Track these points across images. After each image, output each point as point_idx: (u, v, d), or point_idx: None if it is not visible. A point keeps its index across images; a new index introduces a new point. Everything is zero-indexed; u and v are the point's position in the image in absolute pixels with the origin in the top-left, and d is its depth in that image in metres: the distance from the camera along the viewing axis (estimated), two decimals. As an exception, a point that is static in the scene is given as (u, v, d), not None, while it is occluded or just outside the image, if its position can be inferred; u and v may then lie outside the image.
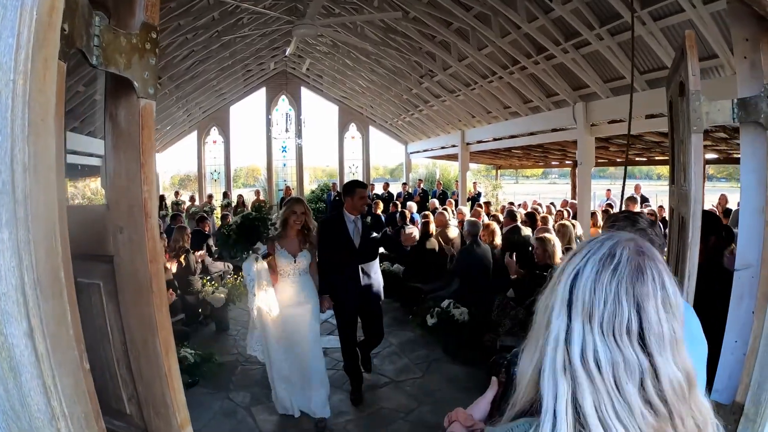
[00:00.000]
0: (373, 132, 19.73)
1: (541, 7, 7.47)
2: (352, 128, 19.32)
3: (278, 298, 4.39)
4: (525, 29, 8.05)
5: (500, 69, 9.95)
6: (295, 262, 4.49)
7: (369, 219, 4.71)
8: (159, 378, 1.50)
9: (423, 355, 5.97)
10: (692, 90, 2.10)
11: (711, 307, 2.23)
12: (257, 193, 17.00)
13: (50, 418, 0.98)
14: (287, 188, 16.67)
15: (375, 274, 4.91)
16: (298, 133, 17.46)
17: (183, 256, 6.89)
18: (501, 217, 9.04)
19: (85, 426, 1.08)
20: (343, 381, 5.14)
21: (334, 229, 4.71)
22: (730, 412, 2.13)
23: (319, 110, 20.57)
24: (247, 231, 6.41)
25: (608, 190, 15.86)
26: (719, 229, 3.29)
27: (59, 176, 1.06)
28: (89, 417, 1.10)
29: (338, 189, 17.68)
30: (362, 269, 4.75)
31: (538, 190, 35.28)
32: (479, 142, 14.39)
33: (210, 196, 16.70)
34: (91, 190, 13.85)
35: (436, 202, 13.50)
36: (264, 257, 4.39)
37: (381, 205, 13.77)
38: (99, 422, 1.16)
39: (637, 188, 13.53)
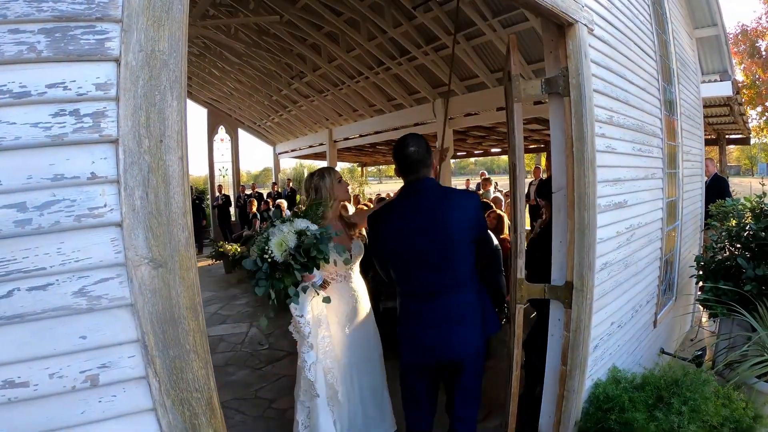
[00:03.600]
0: (242, 134, 19.51)
1: (405, 15, 8.15)
2: (221, 131, 18.84)
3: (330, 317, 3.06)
4: (390, 34, 8.64)
5: (367, 70, 10.47)
6: (351, 257, 3.02)
7: None
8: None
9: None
10: (513, 74, 3.05)
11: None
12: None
13: (183, 213, 1.50)
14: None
15: None
16: (168, 135, 16.82)
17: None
18: (371, 205, 10.01)
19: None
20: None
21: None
22: (566, 290, 2.95)
23: (188, 115, 19.82)
24: (306, 256, 2.67)
25: (468, 179, 18.11)
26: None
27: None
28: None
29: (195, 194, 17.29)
30: None
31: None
32: (346, 139, 14.94)
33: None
34: None
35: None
36: (321, 286, 2.92)
37: (255, 203, 14.20)
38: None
39: (482, 174, 16.18)
